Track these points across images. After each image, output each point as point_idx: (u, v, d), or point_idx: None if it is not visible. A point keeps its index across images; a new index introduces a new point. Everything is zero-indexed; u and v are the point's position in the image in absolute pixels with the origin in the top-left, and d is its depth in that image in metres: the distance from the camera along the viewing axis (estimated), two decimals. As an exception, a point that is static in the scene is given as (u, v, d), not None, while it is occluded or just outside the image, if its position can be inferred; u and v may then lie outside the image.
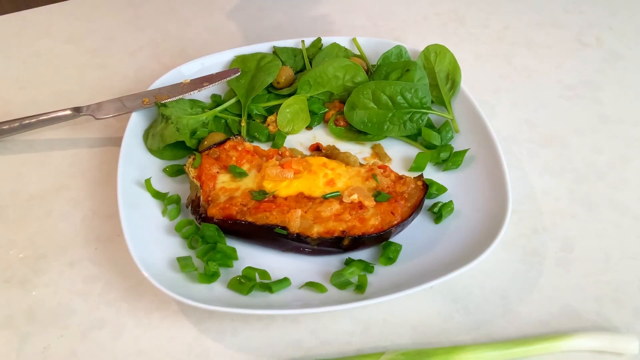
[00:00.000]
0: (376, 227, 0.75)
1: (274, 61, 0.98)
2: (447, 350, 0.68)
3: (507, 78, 1.06)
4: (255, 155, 0.84)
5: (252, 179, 0.81)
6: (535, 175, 0.89)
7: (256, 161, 0.83)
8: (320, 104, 0.96)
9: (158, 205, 0.82)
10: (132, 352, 0.70)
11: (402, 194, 0.79)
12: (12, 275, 0.77)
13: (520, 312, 0.74)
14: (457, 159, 0.87)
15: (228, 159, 0.83)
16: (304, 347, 0.71)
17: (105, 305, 0.74)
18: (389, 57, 0.98)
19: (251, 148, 0.85)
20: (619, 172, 0.90)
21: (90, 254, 0.80)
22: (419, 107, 0.91)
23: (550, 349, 0.69)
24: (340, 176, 0.80)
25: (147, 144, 0.89)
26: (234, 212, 0.76)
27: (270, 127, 0.93)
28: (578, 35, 1.15)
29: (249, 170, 0.82)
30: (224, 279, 0.74)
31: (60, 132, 0.96)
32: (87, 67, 1.08)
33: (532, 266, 0.78)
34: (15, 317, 0.73)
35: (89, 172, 0.90)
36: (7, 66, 1.08)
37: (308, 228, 0.75)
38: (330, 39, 1.02)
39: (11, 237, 0.82)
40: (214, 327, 0.72)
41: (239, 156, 0.83)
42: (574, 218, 0.84)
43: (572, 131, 0.96)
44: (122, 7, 1.22)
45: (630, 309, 0.74)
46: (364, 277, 0.74)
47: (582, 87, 1.04)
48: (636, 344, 0.69)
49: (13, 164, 0.91)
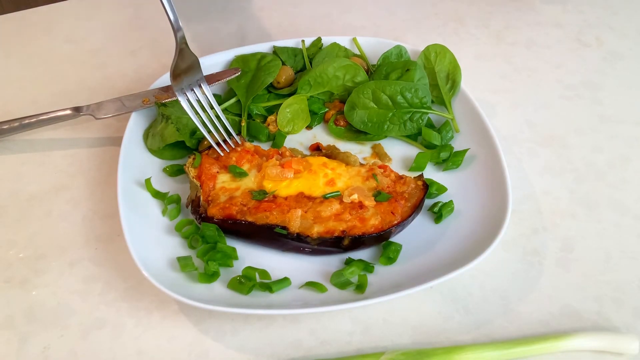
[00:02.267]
0: (376, 226, 0.75)
1: (274, 61, 0.98)
2: (447, 350, 0.68)
3: (507, 78, 1.06)
4: (255, 155, 0.84)
5: (252, 179, 0.81)
6: (536, 175, 0.89)
7: (256, 161, 0.83)
8: (320, 104, 0.96)
9: (158, 205, 0.82)
10: (132, 352, 0.70)
11: (403, 193, 0.79)
12: (12, 275, 0.78)
13: (520, 312, 0.74)
14: (457, 158, 0.87)
15: (228, 159, 0.83)
16: (304, 347, 0.71)
17: (105, 305, 0.74)
18: (389, 57, 0.98)
19: (251, 148, 0.85)
20: (619, 172, 0.90)
21: (90, 254, 0.80)
22: (419, 107, 0.91)
23: (550, 349, 0.69)
24: (340, 176, 0.80)
25: (147, 144, 0.89)
26: (234, 211, 0.76)
27: (270, 127, 0.93)
28: (578, 35, 1.15)
29: (249, 170, 0.82)
30: (224, 279, 0.74)
31: (60, 132, 0.96)
32: (87, 67, 1.08)
33: (532, 266, 0.78)
34: (15, 317, 0.73)
35: (89, 172, 0.90)
36: (7, 66, 1.08)
37: (308, 228, 0.75)
38: (331, 39, 1.02)
39: (11, 237, 0.82)
40: (214, 327, 0.72)
41: (239, 156, 0.83)
42: (574, 218, 0.84)
43: (572, 131, 0.96)
44: (122, 7, 1.22)
45: (630, 308, 0.74)
46: (364, 277, 0.74)
47: (582, 87, 1.04)
48: (636, 344, 0.69)
49: (13, 163, 0.91)
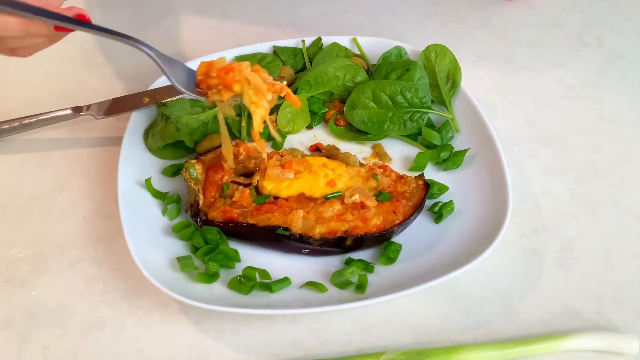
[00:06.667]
0: (378, 226, 0.75)
1: (274, 61, 0.98)
2: (447, 350, 0.68)
3: (507, 78, 1.06)
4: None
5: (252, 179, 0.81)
6: (536, 175, 0.89)
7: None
8: (320, 104, 0.96)
9: (158, 205, 0.82)
10: (132, 351, 0.70)
11: (404, 193, 0.79)
12: (12, 275, 0.77)
13: (520, 311, 0.74)
14: (458, 158, 0.87)
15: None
16: (304, 347, 0.71)
17: (105, 305, 0.74)
18: (389, 57, 0.98)
19: (252, 148, 0.85)
20: (619, 172, 0.90)
21: (90, 253, 0.79)
22: (419, 107, 0.91)
23: (551, 348, 0.69)
24: (340, 176, 0.80)
25: (147, 144, 0.89)
26: (235, 214, 0.76)
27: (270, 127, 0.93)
28: (578, 35, 1.15)
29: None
30: (224, 279, 0.74)
31: (60, 132, 0.95)
32: (87, 67, 1.08)
33: (532, 266, 0.78)
34: (15, 317, 0.73)
35: (89, 172, 0.89)
36: (7, 66, 1.07)
37: (310, 228, 0.74)
38: (331, 39, 1.01)
39: (11, 237, 0.82)
40: (214, 327, 0.72)
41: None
42: (574, 218, 0.84)
43: (572, 131, 0.96)
44: (122, 7, 1.22)
45: (630, 308, 0.74)
46: (364, 276, 0.74)
47: (582, 87, 1.04)
48: (636, 343, 0.69)
49: (13, 163, 0.91)
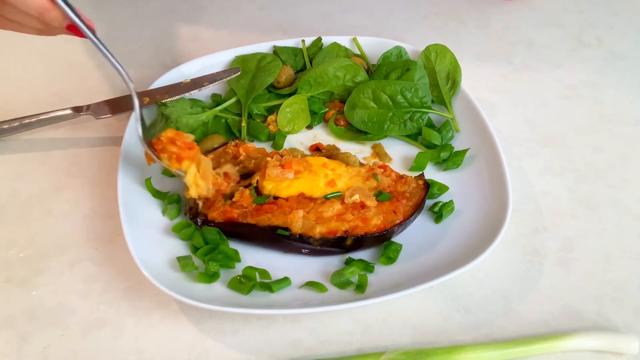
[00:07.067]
0: (379, 226, 0.75)
1: (274, 61, 0.98)
2: (447, 350, 0.68)
3: (507, 78, 1.06)
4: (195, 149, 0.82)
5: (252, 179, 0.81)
6: (536, 175, 0.89)
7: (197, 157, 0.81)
8: (320, 104, 0.96)
9: (158, 205, 0.82)
10: (132, 351, 0.70)
11: (404, 193, 0.79)
12: (12, 275, 0.77)
13: (520, 311, 0.74)
14: (458, 158, 0.87)
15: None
16: (304, 347, 0.71)
17: (105, 305, 0.74)
18: (389, 57, 0.98)
19: (252, 148, 0.85)
20: (619, 172, 0.90)
21: (90, 253, 0.79)
22: (419, 107, 0.91)
23: (551, 348, 0.69)
24: (340, 176, 0.80)
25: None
26: (235, 215, 0.76)
27: (270, 127, 0.93)
28: (578, 35, 1.15)
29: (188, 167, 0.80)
30: (224, 279, 0.74)
31: (60, 132, 0.95)
32: (87, 67, 1.08)
33: (532, 266, 0.78)
34: (15, 317, 0.73)
35: (89, 172, 0.89)
36: (7, 66, 1.08)
37: (310, 228, 0.74)
38: (331, 39, 1.01)
39: (11, 237, 0.82)
40: (214, 327, 0.72)
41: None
42: (574, 218, 0.84)
43: (572, 131, 0.96)
44: (123, 7, 1.22)
45: (630, 308, 0.74)
46: (364, 276, 0.74)
47: (582, 87, 1.04)
48: (636, 343, 0.69)
49: (13, 163, 0.91)
